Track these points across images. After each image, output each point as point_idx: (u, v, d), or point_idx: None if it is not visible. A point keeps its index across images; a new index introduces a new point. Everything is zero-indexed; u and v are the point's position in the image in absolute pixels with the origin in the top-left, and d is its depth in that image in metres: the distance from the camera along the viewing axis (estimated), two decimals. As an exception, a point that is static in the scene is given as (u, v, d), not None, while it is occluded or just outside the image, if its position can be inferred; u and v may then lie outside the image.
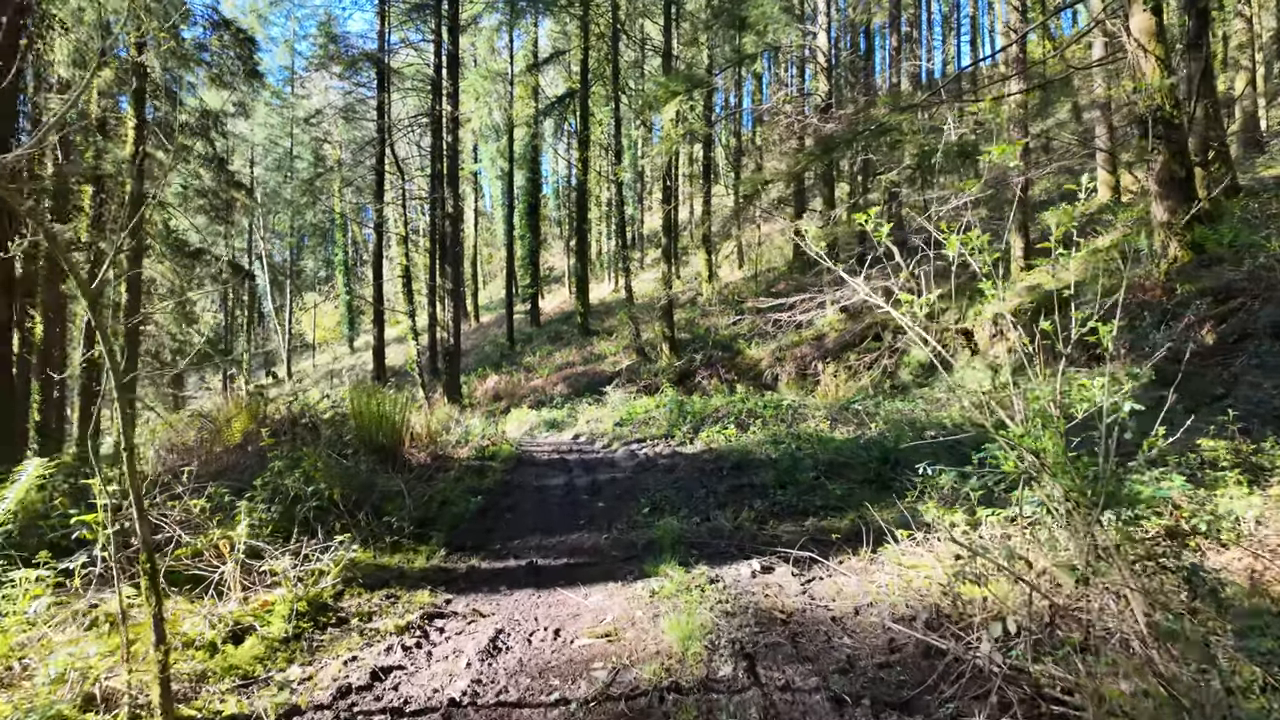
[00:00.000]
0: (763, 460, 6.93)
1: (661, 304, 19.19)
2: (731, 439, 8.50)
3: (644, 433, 10.13)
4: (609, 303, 29.63)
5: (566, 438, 11.67)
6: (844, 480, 5.68)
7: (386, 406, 6.65)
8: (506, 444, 8.14)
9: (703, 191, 23.03)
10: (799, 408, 9.82)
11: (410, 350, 23.17)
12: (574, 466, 7.44)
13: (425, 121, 22.16)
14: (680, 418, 9.94)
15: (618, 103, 21.25)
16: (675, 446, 8.60)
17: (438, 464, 7.40)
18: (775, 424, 8.92)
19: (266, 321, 39.48)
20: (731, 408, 9.58)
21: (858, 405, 9.96)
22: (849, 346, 17.71)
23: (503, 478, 6.61)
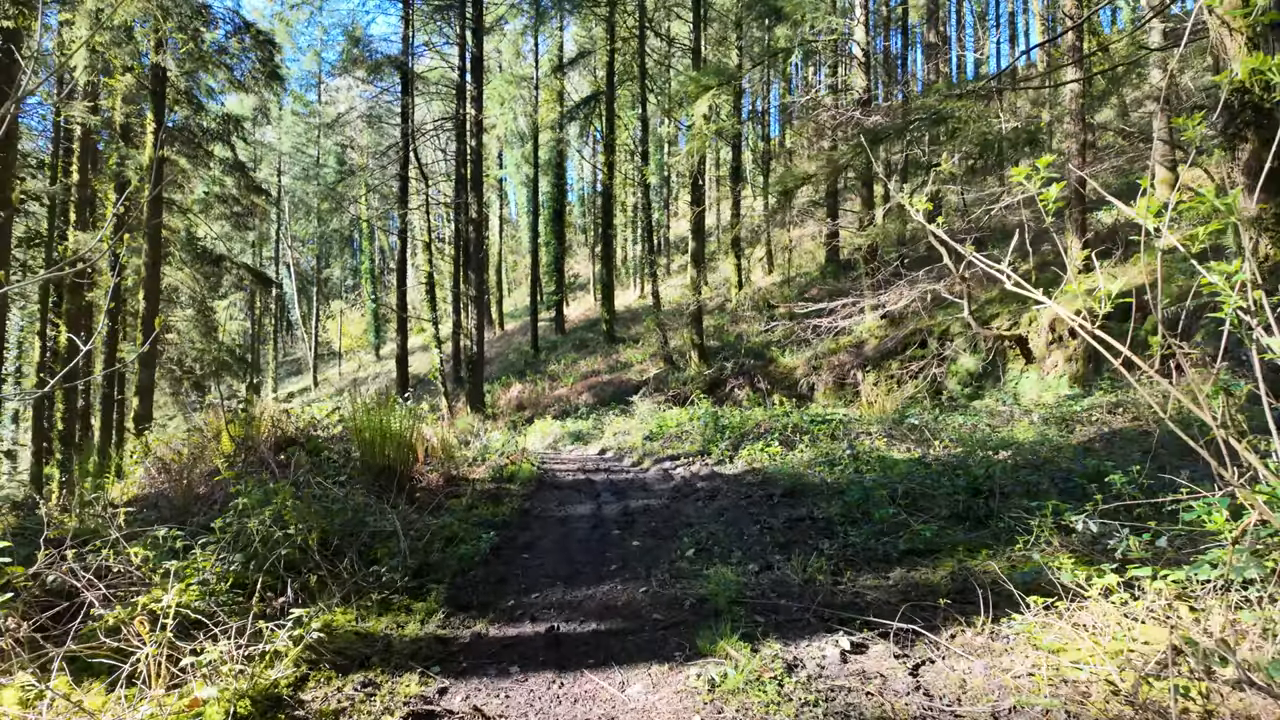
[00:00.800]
0: (819, 486, 5.94)
1: (690, 310, 18.25)
2: (777, 458, 7.52)
3: (676, 448, 9.18)
4: (635, 309, 28.76)
5: (592, 452, 10.77)
6: (928, 515, 4.68)
7: (393, 423, 5.79)
8: (527, 463, 7.25)
9: (731, 194, 22.09)
10: (848, 422, 8.79)
11: (433, 358, 22.53)
12: (601, 490, 6.52)
13: (449, 126, 21.55)
14: (717, 432, 8.97)
15: (645, 103, 20.43)
16: (713, 466, 7.64)
17: (450, 487, 6.53)
18: (825, 441, 7.92)
19: (294, 329, 39.30)
20: (774, 422, 8.59)
21: (913, 419, 8.90)
22: (891, 354, 16.59)
23: (521, 505, 5.70)
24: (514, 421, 19.80)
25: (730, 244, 22.62)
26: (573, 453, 11.02)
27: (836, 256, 25.02)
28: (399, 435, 5.95)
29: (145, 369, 15.20)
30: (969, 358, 15.29)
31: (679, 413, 11.64)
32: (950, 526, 4.49)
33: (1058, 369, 13.55)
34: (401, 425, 6.04)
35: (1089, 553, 3.73)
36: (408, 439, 6.11)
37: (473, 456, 8.74)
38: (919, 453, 7.63)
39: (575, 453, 10.99)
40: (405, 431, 6.10)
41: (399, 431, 5.98)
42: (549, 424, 15.47)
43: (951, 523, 4.58)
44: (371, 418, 5.73)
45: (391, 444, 5.84)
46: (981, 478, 5.03)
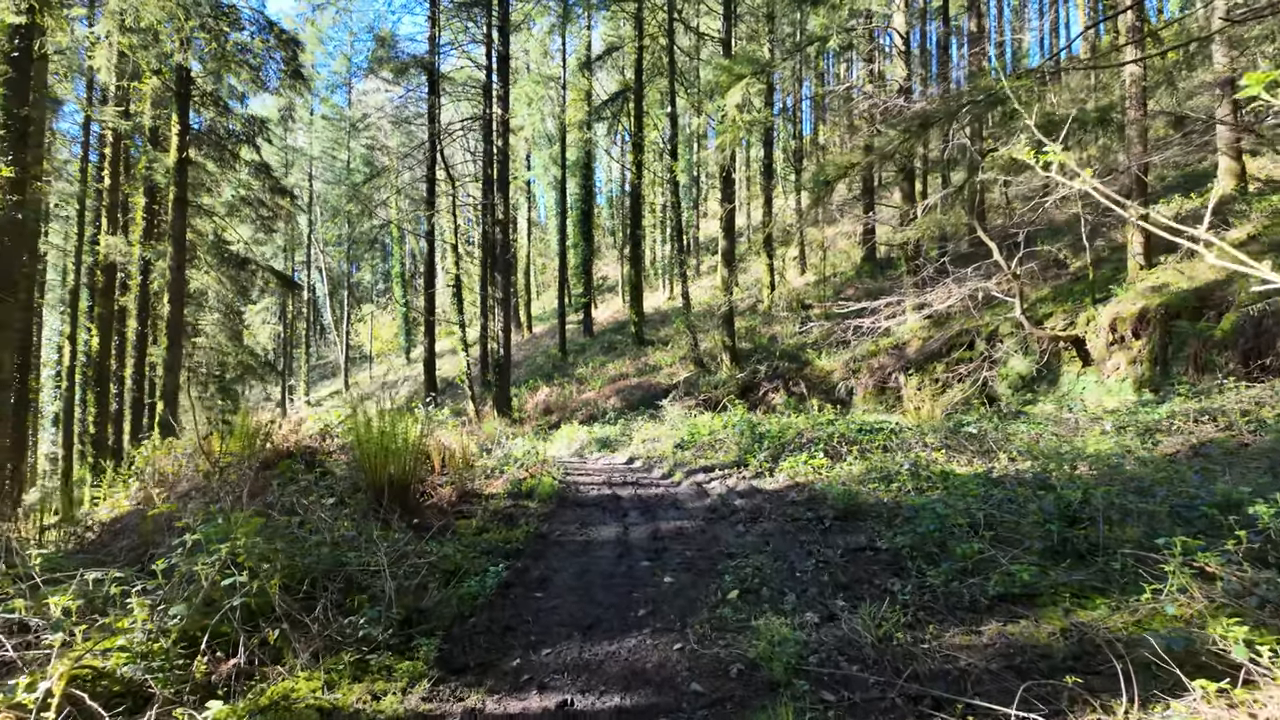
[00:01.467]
0: (877, 508, 5.17)
1: (721, 311, 17.48)
2: (822, 472, 6.74)
3: (710, 458, 8.44)
4: (664, 311, 28.05)
5: (620, 461, 10.09)
6: (1015, 548, 3.88)
7: (398, 435, 5.17)
8: (548, 476, 6.58)
9: (763, 192, 21.27)
10: (900, 431, 7.96)
11: (460, 362, 22.11)
12: (628, 509, 5.82)
13: (476, 127, 21.11)
14: (754, 441, 8.21)
15: (674, 100, 19.73)
16: (752, 480, 6.89)
17: (463, 503, 5.90)
18: (876, 453, 7.11)
19: (326, 333, 39.42)
20: (816, 431, 7.81)
21: (971, 427, 8.04)
22: (935, 357, 15.62)
23: (538, 527, 5.02)
24: (541, 426, 19.24)
25: (762, 243, 21.78)
26: (599, 461, 10.35)
27: (873, 255, 23.99)
28: (406, 448, 5.33)
29: (170, 374, 14.95)
30: (1020, 360, 14.28)
31: (711, 419, 10.90)
32: (1046, 564, 3.69)
33: (1119, 372, 12.50)
34: (409, 436, 5.41)
35: (1241, 607, 2.91)
36: (416, 452, 5.49)
37: (493, 466, 8.12)
38: (983, 467, 6.79)
39: (602, 461, 10.32)
40: (413, 443, 5.48)
41: (406, 444, 5.36)
42: (575, 430, 14.83)
43: (1046, 558, 3.77)
44: (373, 430, 5.11)
45: (397, 458, 5.22)
46: (1076, 502, 4.20)
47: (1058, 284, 16.13)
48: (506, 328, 20.29)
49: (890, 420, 9.23)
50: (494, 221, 20.40)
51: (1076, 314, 13.77)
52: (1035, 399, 13.63)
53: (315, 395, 34.82)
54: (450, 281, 21.93)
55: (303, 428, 7.99)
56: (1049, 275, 15.90)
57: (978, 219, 12.80)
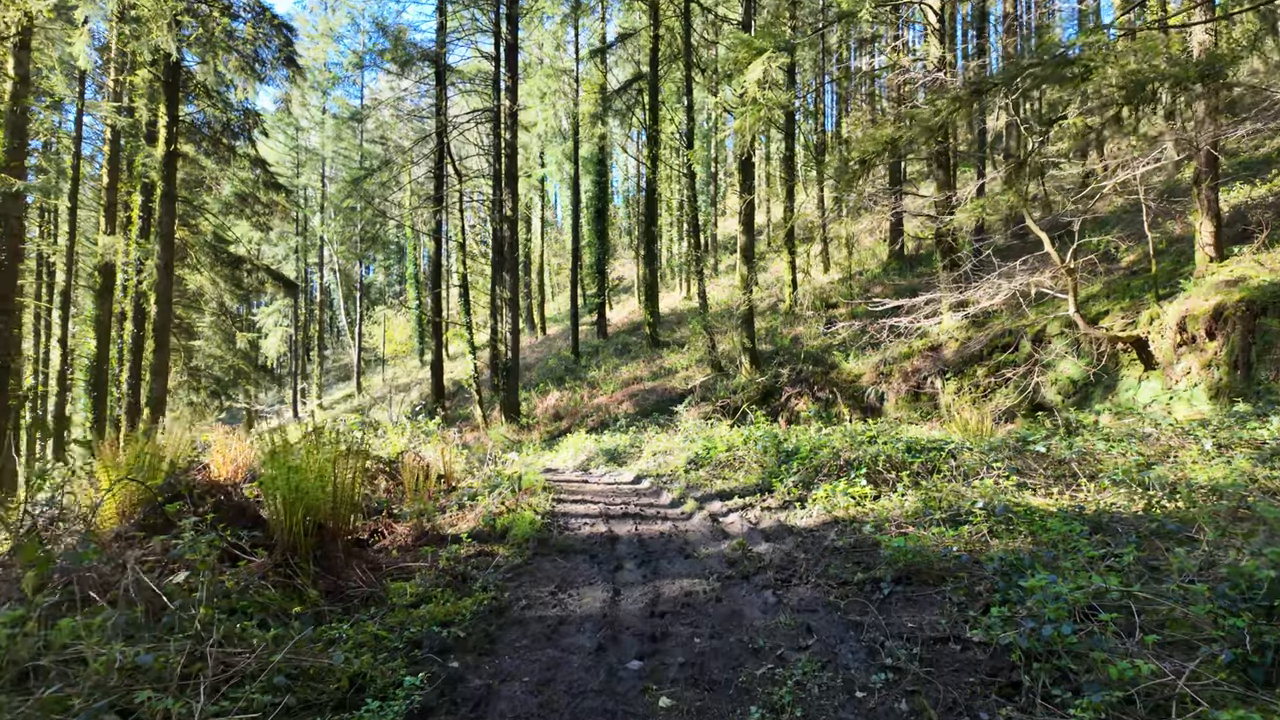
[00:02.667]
0: (951, 564, 3.82)
1: (740, 310, 16.11)
2: (867, 504, 5.40)
3: (728, 480, 7.12)
4: (680, 311, 26.70)
5: (625, 479, 8.79)
6: (1185, 656, 2.54)
7: (313, 471, 3.91)
8: (529, 510, 5.29)
9: (784, 185, 19.85)
10: (953, 449, 6.56)
11: (467, 366, 21.00)
12: (624, 556, 4.51)
13: (485, 118, 19.98)
14: (779, 462, 6.87)
15: (690, 89, 18.42)
16: (779, 514, 5.57)
17: (418, 547, 4.66)
18: (931, 478, 5.75)
19: (341, 336, 38.64)
20: (855, 450, 6.43)
21: (1039, 445, 6.62)
22: (975, 359, 14.13)
23: (498, 595, 3.72)
24: (549, 433, 18.02)
25: (784, 239, 20.36)
26: (603, 479, 9.06)
27: (901, 252, 22.46)
28: (325, 487, 4.06)
29: (157, 379, 13.98)
30: (1071, 363, 12.77)
31: (730, 432, 9.56)
32: (1248, 688, 2.35)
33: (1190, 376, 10.92)
34: (339, 473, 4.16)
35: None
36: (349, 488, 4.24)
37: (477, 488, 6.88)
38: (1068, 498, 5.40)
39: (606, 479, 9.04)
40: (346, 479, 4.22)
41: (327, 482, 4.10)
42: (583, 439, 13.58)
43: (1237, 675, 2.43)
44: (289, 464, 3.86)
45: (313, 501, 3.97)
46: (1263, 580, 2.82)
47: (1110, 280, 14.56)
48: (514, 329, 19.12)
49: (940, 435, 7.83)
50: (502, 218, 19.25)
51: (1137, 312, 12.21)
52: (1088, 405, 12.12)
53: (329, 399, 33.98)
54: (459, 281, 20.83)
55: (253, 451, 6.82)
56: (1097, 270, 14.36)
57: (1025, 207, 11.30)
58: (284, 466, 3.74)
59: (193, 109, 16.23)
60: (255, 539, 3.96)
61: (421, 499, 6.87)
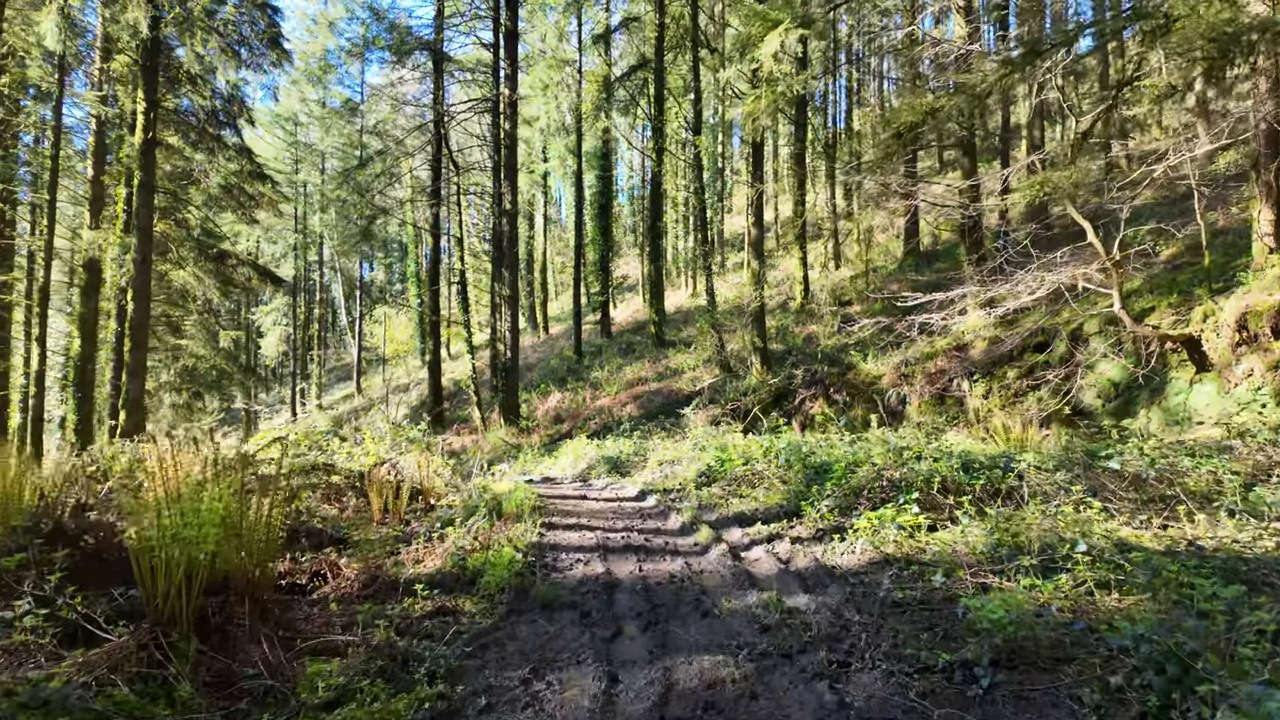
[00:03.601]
0: (1065, 640, 2.77)
1: (751, 308, 15.04)
2: (923, 538, 4.36)
3: (747, 501, 6.07)
4: (686, 310, 25.64)
5: (628, 494, 7.75)
6: None
7: (204, 509, 2.88)
8: (509, 547, 4.24)
9: (795, 178, 18.77)
10: (1010, 463, 5.48)
11: (465, 366, 20.01)
12: (626, 615, 3.47)
13: (484, 107, 18.98)
14: (807, 480, 5.82)
15: (697, 67, 17.32)
16: (814, 548, 4.52)
17: (364, 600, 3.63)
18: (996, 504, 4.70)
19: (343, 336, 37.71)
20: (901, 467, 5.37)
21: (1113, 462, 5.55)
22: (1005, 360, 13.04)
23: (449, 690, 2.68)
24: (550, 436, 17.00)
25: (794, 235, 19.29)
26: (604, 492, 8.02)
27: (916, 248, 21.35)
28: (246, 528, 3.03)
29: (134, 379, 13.02)
30: (1112, 364, 11.65)
31: (745, 441, 8.50)
32: None
33: (1253, 379, 9.77)
34: (259, 507, 3.13)
35: None
36: (271, 526, 3.21)
37: (457, 509, 5.87)
38: (1175, 532, 4.34)
39: (607, 492, 7.99)
40: (257, 519, 3.19)
41: (253, 520, 3.07)
42: (583, 445, 12.54)
43: None
44: (145, 499, 2.81)
45: (234, 544, 2.94)
46: None
47: (1151, 274, 13.45)
48: (514, 327, 18.10)
49: (993, 450, 6.75)
50: (502, 212, 18.24)
51: (1188, 309, 11.08)
52: (1132, 410, 11.02)
53: (329, 399, 33.03)
54: (456, 278, 19.84)
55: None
56: (1133, 264, 13.23)
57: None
58: (153, 508, 2.70)
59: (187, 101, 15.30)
60: (134, 603, 2.92)
61: (392, 522, 5.86)
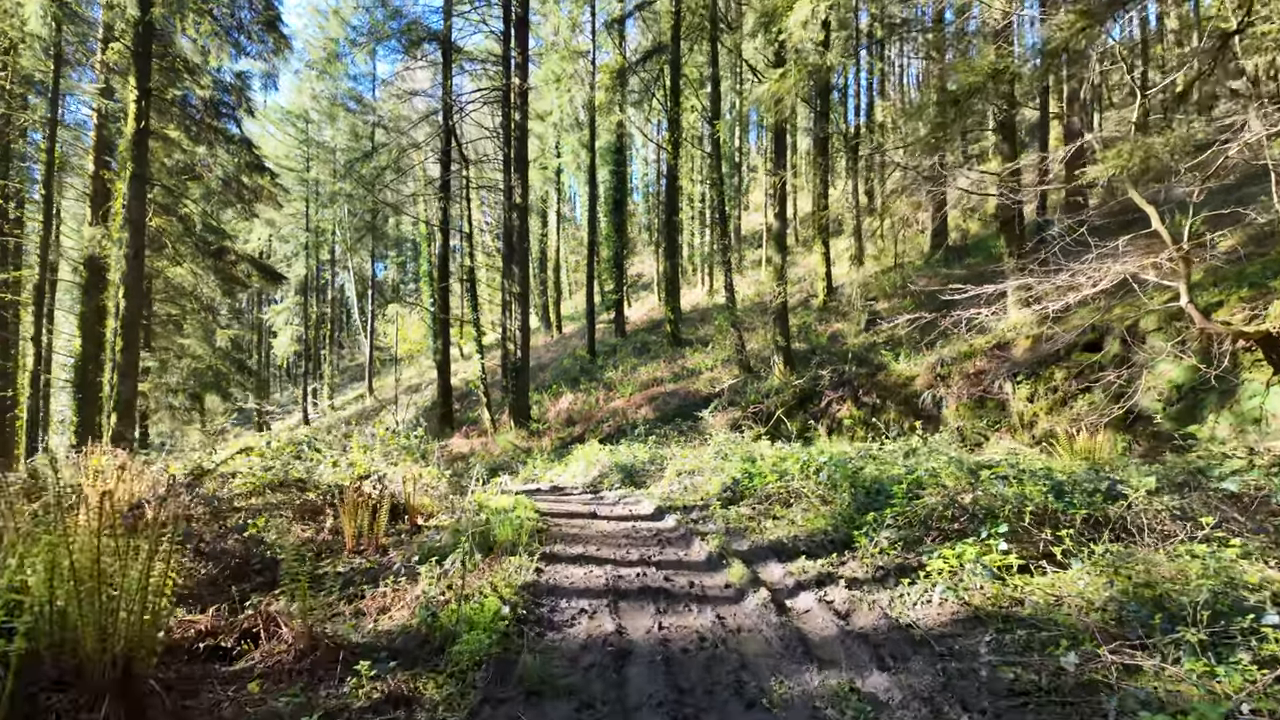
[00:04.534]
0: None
1: (774, 304, 14.04)
2: (1008, 577, 3.39)
3: (783, 525, 5.11)
4: (702, 308, 24.65)
5: (645, 510, 6.80)
6: None
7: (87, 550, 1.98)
8: (492, 597, 3.31)
9: (817, 169, 17.74)
10: (1115, 485, 4.46)
11: (475, 366, 19.20)
12: (641, 701, 2.53)
13: (493, 97, 18.15)
14: (857, 503, 4.85)
15: (715, 50, 16.35)
16: (875, 592, 3.56)
17: (288, 681, 2.71)
18: (1103, 538, 3.70)
19: (356, 335, 37.13)
20: (977, 489, 4.38)
21: (1230, 483, 4.52)
22: (1052, 360, 11.93)
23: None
24: (561, 439, 16.10)
25: (816, 230, 18.24)
26: (616, 508, 7.09)
27: (945, 242, 20.20)
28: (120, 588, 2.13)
29: (125, 380, 12.30)
30: (1174, 364, 10.51)
31: (774, 450, 7.53)
32: None
33: (1342, 381, 8.68)
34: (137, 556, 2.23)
35: None
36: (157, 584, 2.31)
37: (446, 534, 4.97)
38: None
39: (620, 508, 7.06)
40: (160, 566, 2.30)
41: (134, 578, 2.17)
42: (595, 450, 11.62)
43: None
44: None
45: (94, 611, 2.05)
46: None
47: (1211, 266, 12.28)
48: (524, 326, 17.23)
49: (1079, 468, 5.72)
50: (512, 206, 17.38)
51: (1263, 303, 9.93)
52: (1199, 415, 9.89)
53: (341, 399, 32.43)
54: (465, 274, 19.03)
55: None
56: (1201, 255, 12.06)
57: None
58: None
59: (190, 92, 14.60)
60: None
61: (368, 550, 4.96)
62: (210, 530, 4.51)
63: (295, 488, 5.57)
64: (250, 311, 30.72)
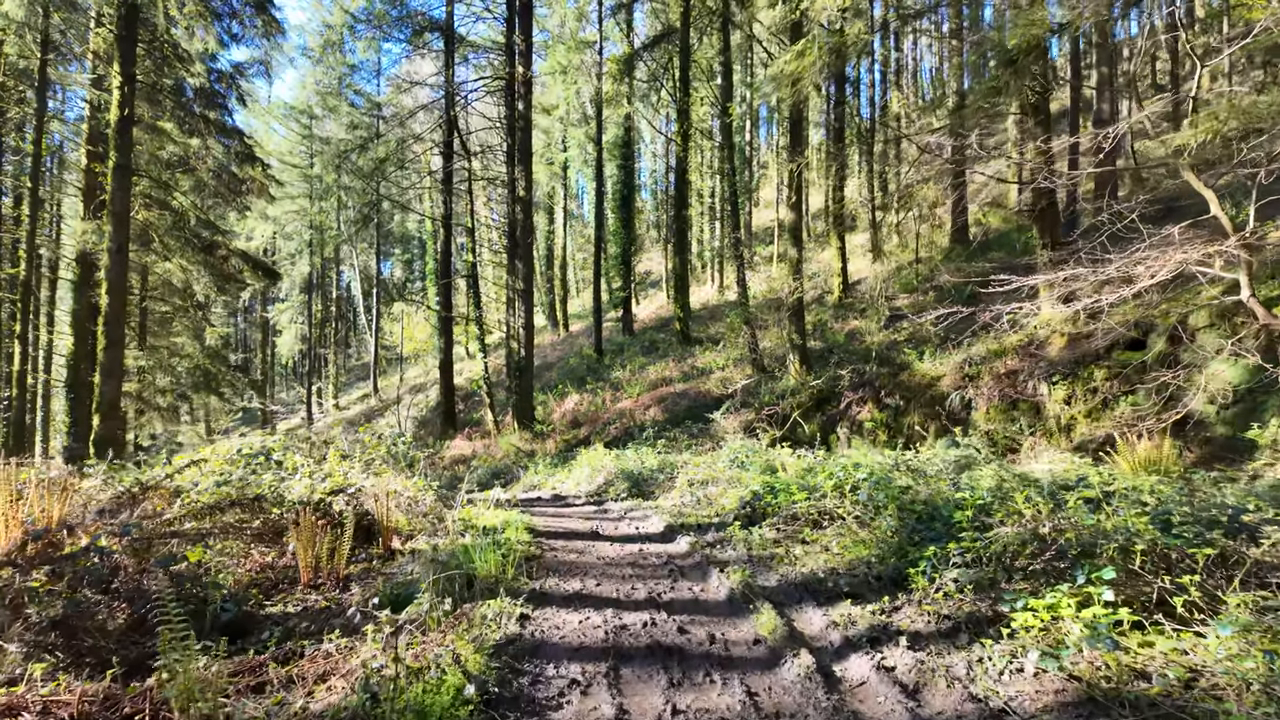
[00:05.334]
0: None
1: (790, 299, 13.19)
2: (1140, 656, 2.56)
3: (816, 551, 4.32)
4: (712, 306, 23.81)
5: (654, 529, 6.01)
6: None
7: None
8: (452, 675, 2.56)
9: (833, 161, 16.87)
10: (1215, 509, 3.63)
11: (477, 365, 18.48)
12: None
13: (496, 86, 17.41)
14: (904, 528, 4.04)
15: (727, 34, 15.52)
16: (947, 657, 2.76)
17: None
18: (1233, 586, 2.87)
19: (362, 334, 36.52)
20: (1056, 517, 3.56)
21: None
22: (1091, 359, 11.04)
23: None
24: (567, 441, 15.34)
25: (832, 221, 17.37)
26: (621, 524, 6.30)
27: (964, 236, 19.27)
28: None
29: (108, 380, 11.63)
30: (1229, 364, 9.60)
31: (796, 458, 6.71)
32: None
33: None
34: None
35: None
36: None
37: (419, 563, 4.21)
38: None
39: (624, 525, 6.27)
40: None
41: None
42: (601, 455, 10.83)
43: None
44: None
45: None
46: None
47: (1264, 258, 11.34)
48: (528, 323, 16.47)
49: (1165, 487, 4.86)
50: (515, 198, 16.63)
51: (1338, 296, 9.03)
52: (1259, 417, 8.97)
53: (346, 399, 31.82)
54: (468, 270, 18.31)
55: None
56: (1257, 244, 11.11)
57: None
58: None
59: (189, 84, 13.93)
60: None
61: (326, 584, 4.19)
62: (138, 563, 3.76)
63: (254, 505, 4.82)
64: (255, 310, 30.14)
